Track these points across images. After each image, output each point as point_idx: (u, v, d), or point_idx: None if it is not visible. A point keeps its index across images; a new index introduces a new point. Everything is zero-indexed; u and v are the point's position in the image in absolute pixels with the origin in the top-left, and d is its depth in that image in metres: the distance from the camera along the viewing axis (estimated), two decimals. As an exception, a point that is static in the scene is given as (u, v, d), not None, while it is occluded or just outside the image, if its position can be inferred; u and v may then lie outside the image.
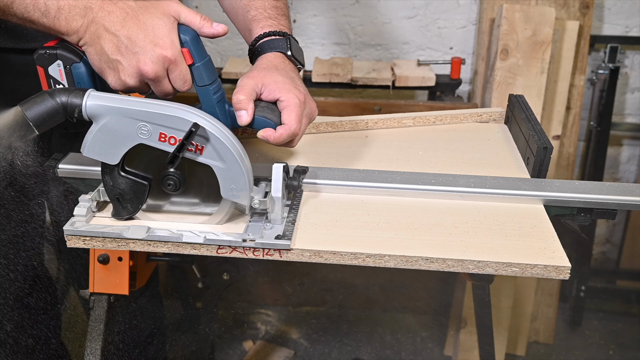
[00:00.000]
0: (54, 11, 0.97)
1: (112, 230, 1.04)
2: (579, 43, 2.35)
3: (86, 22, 0.97)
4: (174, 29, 0.99)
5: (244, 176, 1.00)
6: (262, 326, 2.60)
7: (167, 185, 1.03)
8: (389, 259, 1.01)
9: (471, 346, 2.37)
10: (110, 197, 1.06)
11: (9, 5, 0.97)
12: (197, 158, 0.99)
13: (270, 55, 1.19)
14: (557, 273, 0.99)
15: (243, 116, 1.06)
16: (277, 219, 1.06)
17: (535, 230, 1.08)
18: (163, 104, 0.97)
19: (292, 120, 1.08)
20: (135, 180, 1.03)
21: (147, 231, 1.04)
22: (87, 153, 1.00)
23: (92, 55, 1.00)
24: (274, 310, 2.68)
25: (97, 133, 0.98)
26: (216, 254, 1.04)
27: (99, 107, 0.96)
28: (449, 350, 2.49)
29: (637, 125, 2.65)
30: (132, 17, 0.97)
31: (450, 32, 2.54)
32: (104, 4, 0.98)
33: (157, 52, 0.97)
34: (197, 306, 2.39)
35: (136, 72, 0.99)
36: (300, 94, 1.11)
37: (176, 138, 0.96)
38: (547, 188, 1.17)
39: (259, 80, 1.10)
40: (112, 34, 0.97)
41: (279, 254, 1.03)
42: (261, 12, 1.26)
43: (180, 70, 1.00)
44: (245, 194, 1.02)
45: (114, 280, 1.42)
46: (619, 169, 2.76)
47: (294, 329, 2.59)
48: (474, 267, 1.00)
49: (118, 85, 1.01)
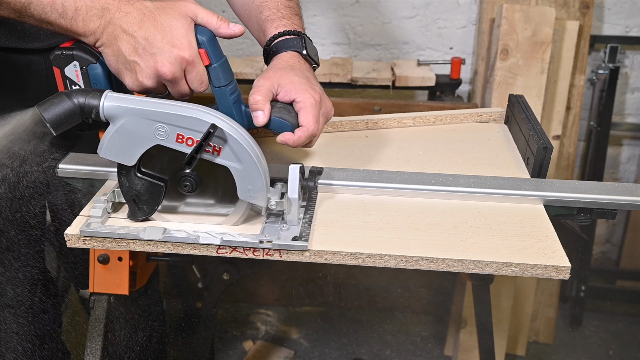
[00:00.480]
0: (71, 12, 0.97)
1: (128, 231, 1.04)
2: (579, 43, 2.35)
3: (103, 23, 0.97)
4: (191, 29, 0.99)
5: (261, 177, 1.00)
6: (262, 326, 2.60)
7: (184, 186, 1.03)
8: (389, 259, 1.01)
9: (471, 346, 2.37)
10: (126, 198, 1.05)
11: (27, 6, 0.97)
12: (214, 159, 0.99)
13: (286, 54, 1.18)
14: (557, 273, 0.99)
15: (259, 117, 1.05)
16: (294, 220, 1.06)
17: (535, 230, 1.08)
18: (180, 105, 0.97)
19: (310, 122, 1.07)
20: (151, 181, 1.03)
21: (163, 232, 1.03)
22: (104, 154, 0.99)
23: (109, 56, 0.99)
24: (274, 310, 2.68)
25: (114, 134, 0.97)
26: (216, 254, 1.04)
27: (116, 108, 0.96)
28: (449, 350, 2.49)
29: (637, 125, 2.65)
30: (150, 18, 0.97)
31: (450, 32, 2.54)
32: (121, 4, 0.97)
33: (175, 53, 0.97)
34: (197, 306, 2.39)
35: (154, 73, 0.98)
36: (316, 93, 1.11)
37: (193, 139, 0.96)
38: (547, 188, 1.17)
39: (275, 81, 1.09)
40: (129, 35, 0.96)
41: (279, 254, 1.03)
42: (274, 12, 1.25)
43: (197, 71, 1.00)
44: (262, 195, 1.01)
45: (114, 280, 1.42)
46: (619, 169, 2.76)
47: (294, 329, 2.59)
48: (474, 267, 1.00)
49: (135, 86, 1.00)
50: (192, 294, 2.36)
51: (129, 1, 0.98)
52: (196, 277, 1.99)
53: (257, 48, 2.43)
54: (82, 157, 1.22)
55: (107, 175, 1.20)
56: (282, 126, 1.08)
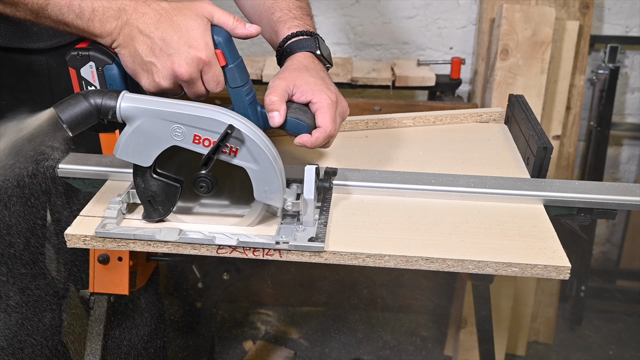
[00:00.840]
0: (88, 13, 0.96)
1: (144, 232, 1.03)
2: (579, 43, 2.35)
3: (120, 24, 0.97)
4: (208, 30, 0.99)
5: (278, 178, 0.99)
6: (262, 326, 2.60)
7: (200, 187, 1.02)
8: (389, 259, 1.01)
9: (471, 346, 2.37)
10: (142, 199, 1.05)
11: (44, 7, 0.96)
12: (231, 160, 0.98)
13: (300, 55, 1.18)
14: (557, 273, 0.99)
15: (275, 117, 1.05)
16: (310, 221, 1.05)
17: (535, 230, 1.08)
18: (197, 106, 0.96)
19: (327, 122, 1.07)
20: (167, 182, 1.03)
21: (179, 233, 1.03)
22: (120, 155, 0.99)
23: (125, 57, 0.99)
24: (274, 310, 2.68)
25: (130, 135, 0.97)
26: (216, 254, 1.04)
27: (133, 109, 0.95)
28: (449, 350, 2.49)
29: (637, 125, 2.65)
30: (166, 19, 0.97)
31: (450, 32, 2.54)
32: (138, 5, 0.97)
33: (192, 54, 0.97)
34: (197, 306, 2.39)
35: (170, 74, 0.98)
36: (332, 93, 1.11)
37: (210, 140, 0.96)
38: (547, 188, 1.17)
39: (290, 82, 1.09)
40: (146, 35, 0.96)
41: (279, 254, 1.03)
42: (286, 13, 1.25)
43: (214, 71, 1.00)
44: (278, 196, 1.01)
45: (114, 280, 1.42)
46: (619, 169, 2.76)
47: (294, 329, 2.59)
48: (474, 267, 1.00)
49: (152, 87, 1.00)
50: (192, 294, 2.36)
51: (146, 2, 0.98)
52: (196, 277, 1.99)
53: (257, 48, 2.43)
54: (82, 157, 1.22)
55: (107, 175, 1.20)
56: (297, 127, 1.07)
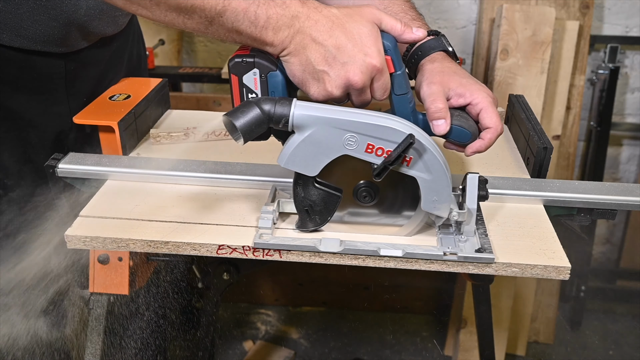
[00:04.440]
0: (263, 21, 0.92)
1: (306, 243, 1.00)
2: (579, 43, 2.35)
3: (292, 32, 0.93)
4: (379, 36, 0.95)
5: (448, 188, 0.97)
6: (262, 326, 2.60)
7: (362, 196, 1.01)
8: (389, 259, 1.00)
9: (471, 346, 2.37)
10: (299, 209, 1.02)
11: (221, 14, 0.91)
12: (406, 170, 0.95)
13: (436, 55, 1.13)
14: (557, 273, 0.99)
15: (442, 126, 1.01)
16: (471, 231, 1.02)
17: (535, 230, 1.08)
18: (371, 114, 0.93)
19: (496, 121, 1.04)
20: (328, 191, 1.00)
21: (340, 244, 1.00)
22: (287, 165, 0.96)
23: (294, 65, 0.95)
24: (274, 310, 2.68)
25: (300, 144, 0.94)
26: (216, 254, 1.03)
27: (306, 117, 0.92)
28: (449, 350, 2.49)
29: (637, 125, 2.66)
30: (339, 26, 0.93)
31: (450, 32, 2.54)
32: (310, 12, 0.93)
33: (367, 62, 0.93)
34: (197, 306, 2.39)
35: (344, 83, 0.94)
36: (487, 90, 1.07)
37: (384, 149, 0.93)
38: (547, 188, 1.17)
39: (445, 85, 1.05)
40: (319, 44, 0.93)
41: (279, 255, 1.02)
42: (404, 16, 1.20)
43: (384, 79, 0.96)
44: (446, 206, 0.98)
45: (114, 280, 1.42)
46: (619, 169, 2.76)
47: (294, 329, 2.59)
48: (474, 267, 1.00)
49: (321, 96, 0.96)
50: (192, 294, 2.35)
51: (317, 8, 0.94)
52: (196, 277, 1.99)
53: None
54: (82, 157, 1.22)
55: (106, 175, 1.20)
56: (460, 135, 1.03)
